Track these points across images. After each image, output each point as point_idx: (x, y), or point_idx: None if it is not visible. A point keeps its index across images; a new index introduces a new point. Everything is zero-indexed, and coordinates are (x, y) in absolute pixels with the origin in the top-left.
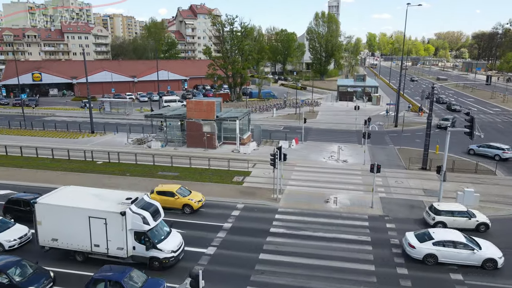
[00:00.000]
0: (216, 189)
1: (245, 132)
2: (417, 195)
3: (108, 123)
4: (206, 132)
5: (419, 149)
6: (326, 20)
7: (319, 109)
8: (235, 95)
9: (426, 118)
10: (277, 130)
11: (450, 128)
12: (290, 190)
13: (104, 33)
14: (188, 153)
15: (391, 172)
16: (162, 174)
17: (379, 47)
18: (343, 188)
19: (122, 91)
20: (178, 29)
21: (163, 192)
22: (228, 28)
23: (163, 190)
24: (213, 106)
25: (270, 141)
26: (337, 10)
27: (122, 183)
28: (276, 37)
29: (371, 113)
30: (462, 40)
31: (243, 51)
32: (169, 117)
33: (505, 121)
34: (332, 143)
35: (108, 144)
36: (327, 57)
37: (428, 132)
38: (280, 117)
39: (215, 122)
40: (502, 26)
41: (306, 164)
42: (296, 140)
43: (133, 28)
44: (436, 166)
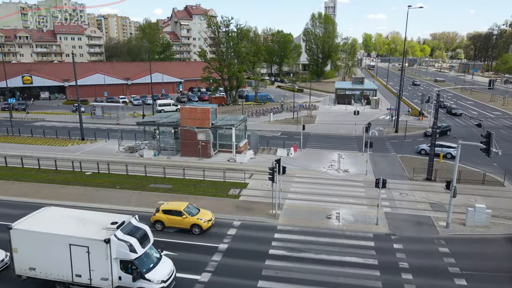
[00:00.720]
0: (212, 203)
1: (242, 140)
2: (424, 210)
3: (100, 128)
4: (200, 140)
5: (421, 158)
6: (323, 21)
7: (317, 113)
8: (231, 99)
9: (428, 124)
10: (274, 137)
11: (462, 142)
12: (289, 205)
13: (98, 34)
14: (182, 163)
15: (395, 183)
16: (154, 186)
17: (375, 47)
18: (345, 202)
19: (116, 94)
20: (173, 30)
21: (169, 211)
22: (224, 29)
23: (169, 209)
24: (208, 113)
25: (268, 148)
26: (333, 11)
27: (111, 197)
28: (273, 38)
29: (370, 117)
30: (457, 41)
31: (239, 53)
32: (162, 124)
33: (507, 126)
34: (332, 151)
35: (99, 152)
36: (324, 59)
37: (433, 141)
38: (277, 122)
39: (210, 130)
40: (499, 27)
41: (306, 175)
42: (295, 147)
43: (127, 28)
44: (446, 180)
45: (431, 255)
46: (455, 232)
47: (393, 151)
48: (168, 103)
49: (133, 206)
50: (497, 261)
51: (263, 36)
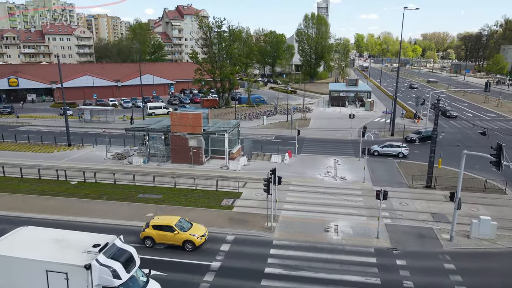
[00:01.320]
0: (204, 215)
1: (235, 145)
2: (426, 221)
3: (88, 133)
4: (192, 146)
5: (419, 163)
6: (316, 21)
7: (311, 115)
8: (223, 101)
9: (423, 126)
10: (268, 141)
11: (466, 152)
12: (285, 217)
13: (87, 35)
14: (172, 170)
15: (393, 191)
16: (143, 197)
17: (367, 48)
18: (343, 213)
19: (105, 96)
20: (164, 30)
21: (160, 227)
22: (216, 31)
23: (160, 224)
24: (200, 119)
25: (262, 154)
26: (326, 11)
27: (97, 210)
28: (265, 38)
29: (365, 120)
30: (448, 41)
31: (231, 55)
32: (151, 130)
33: (503, 129)
34: (327, 156)
35: (86, 160)
36: (317, 59)
37: (433, 148)
38: (271, 125)
39: (202, 136)
40: (489, 28)
41: (302, 183)
42: (290, 153)
43: (118, 29)
44: (450, 192)
45: (436, 272)
46: (460, 246)
47: (390, 156)
48: (159, 106)
49: (121, 219)
50: (506, 278)
51: (256, 36)
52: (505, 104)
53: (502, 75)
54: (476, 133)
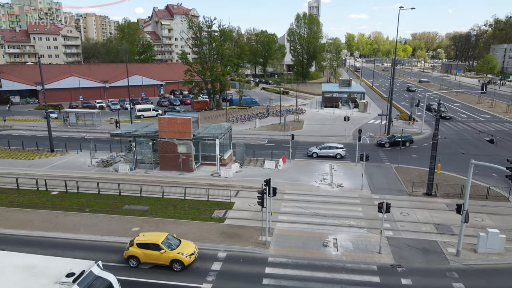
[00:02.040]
0: (193, 229)
1: (226, 151)
2: (429, 233)
3: (73, 137)
4: (181, 153)
5: (418, 168)
6: (308, 21)
7: (304, 117)
8: (214, 103)
9: (419, 129)
10: (261, 145)
11: (474, 162)
12: (281, 230)
13: (74, 34)
14: (161, 178)
15: (393, 200)
16: (129, 208)
17: (358, 47)
18: (342, 225)
19: (92, 98)
20: (154, 30)
21: (145, 245)
22: (206, 30)
23: (145, 242)
24: (189, 124)
25: (255, 160)
26: (317, 11)
27: (79, 224)
28: (256, 38)
29: (359, 122)
30: (437, 41)
31: (222, 55)
32: (138, 136)
33: (500, 130)
34: (323, 161)
35: (69, 167)
36: (308, 59)
37: (434, 154)
38: (263, 128)
39: (191, 142)
40: (479, 28)
41: (297, 191)
42: (283, 158)
43: (107, 28)
44: (456, 204)
45: None
46: (468, 262)
47: (387, 161)
48: (148, 108)
49: (104, 234)
50: None
51: (247, 36)
52: (498, 104)
53: (493, 74)
54: (472, 135)
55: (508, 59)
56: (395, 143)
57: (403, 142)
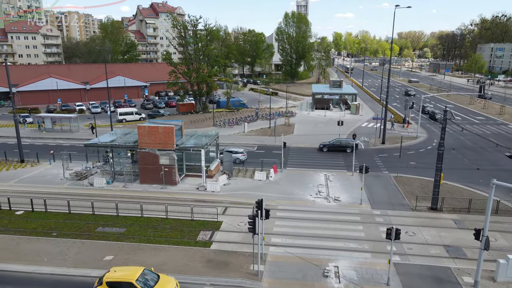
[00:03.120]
0: (176, 257)
1: (213, 161)
2: (440, 258)
3: (47, 145)
4: (163, 165)
5: (419, 178)
6: (296, 20)
7: (294, 120)
8: (200, 106)
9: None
10: (250, 152)
11: (496, 182)
12: (275, 256)
13: (55, 33)
14: (141, 193)
15: (397, 216)
16: (103, 231)
17: (345, 46)
18: (343, 248)
19: (72, 100)
20: (138, 28)
21: (117, 284)
22: (191, 30)
23: (117, 280)
24: (172, 133)
25: (244, 170)
26: (305, 10)
27: (42, 251)
28: (244, 37)
29: (352, 125)
30: (423, 40)
31: (208, 56)
32: (115, 146)
33: (496, 134)
34: (317, 171)
35: (39, 180)
36: (297, 59)
37: (439, 165)
38: (252, 132)
39: (175, 153)
40: (466, 27)
41: (291, 206)
42: (275, 168)
43: (91, 27)
44: (475, 229)
45: None
46: None
47: (385, 169)
48: (131, 111)
49: (70, 266)
50: None
51: (234, 35)
52: (491, 105)
53: (481, 74)
54: (469, 139)
55: (495, 59)
56: (334, 147)
57: (344, 148)
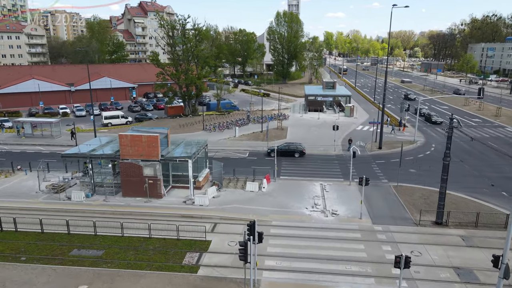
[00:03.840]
0: (158, 284)
1: (202, 170)
2: (451, 283)
3: (25, 152)
4: (147, 176)
5: (420, 187)
6: (288, 19)
7: (287, 123)
8: (190, 109)
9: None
10: (241, 159)
11: None
12: (269, 283)
13: (40, 32)
14: (123, 208)
15: (400, 233)
16: (78, 254)
17: (336, 46)
18: (344, 272)
19: (56, 103)
20: (127, 28)
21: None
22: (180, 30)
23: None
24: (156, 142)
25: (235, 180)
26: (297, 9)
27: (8, 280)
28: (235, 37)
29: (346, 129)
30: (414, 39)
31: (198, 57)
32: (95, 157)
33: (495, 137)
34: (312, 180)
35: (11, 194)
36: (289, 59)
37: (445, 177)
38: (244, 137)
39: (160, 164)
40: (457, 27)
41: (286, 222)
42: (268, 178)
43: (78, 26)
44: (493, 256)
45: None
46: None
47: (384, 178)
48: (116, 115)
49: None
50: None
51: (225, 34)
52: (485, 106)
53: (473, 74)
54: (467, 142)
55: (486, 58)
56: (281, 152)
57: (292, 152)
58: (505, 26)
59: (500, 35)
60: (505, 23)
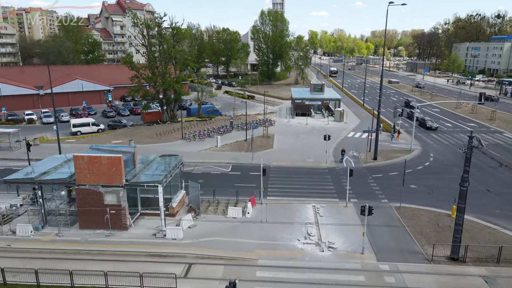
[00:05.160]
0: None
1: (177, 193)
2: None
3: None
4: (109, 205)
5: (425, 208)
6: (273, 18)
7: (273, 130)
8: (168, 115)
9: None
10: (223, 175)
11: None
12: None
13: (10, 31)
14: (78, 245)
15: (410, 273)
16: None
17: (321, 45)
18: None
19: (23, 108)
20: (104, 26)
21: None
22: (156, 29)
23: None
24: (119, 164)
25: (215, 202)
26: (281, 7)
27: None
28: (218, 36)
29: (337, 136)
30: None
31: (176, 59)
32: (45, 182)
33: (494, 144)
34: (303, 200)
35: None
36: (274, 59)
37: (463, 205)
38: (226, 147)
39: (124, 190)
40: (442, 26)
41: (275, 261)
42: (253, 200)
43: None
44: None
45: None
46: None
47: (383, 196)
48: (87, 122)
49: None
50: None
51: (208, 34)
52: (479, 109)
53: (460, 74)
54: None
55: (471, 58)
56: None
57: None
58: (488, 26)
59: (484, 35)
60: (489, 23)
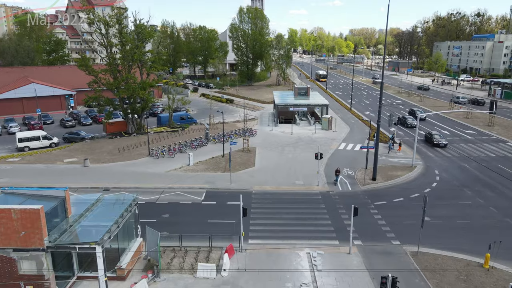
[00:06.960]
0: None
1: (131, 243)
2: None
3: None
4: (26, 275)
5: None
6: (252, 16)
7: (255, 142)
8: (134, 125)
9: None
10: (195, 205)
11: None
12: None
13: None
14: None
15: None
16: None
17: (301, 43)
18: None
19: None
20: (71, 23)
21: None
22: (116, 28)
23: None
24: (38, 219)
25: (181, 252)
26: (261, 4)
27: None
28: (194, 34)
29: (326, 147)
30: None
31: (142, 62)
32: None
33: (502, 156)
34: (294, 244)
35: None
36: (254, 59)
37: None
38: (200, 165)
39: (46, 254)
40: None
41: None
42: (230, 250)
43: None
44: None
45: None
46: None
47: (393, 235)
48: (36, 135)
49: None
50: None
51: (183, 31)
52: (474, 113)
53: (443, 73)
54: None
55: (452, 57)
56: None
57: None
58: (468, 24)
59: (465, 34)
60: (469, 21)
